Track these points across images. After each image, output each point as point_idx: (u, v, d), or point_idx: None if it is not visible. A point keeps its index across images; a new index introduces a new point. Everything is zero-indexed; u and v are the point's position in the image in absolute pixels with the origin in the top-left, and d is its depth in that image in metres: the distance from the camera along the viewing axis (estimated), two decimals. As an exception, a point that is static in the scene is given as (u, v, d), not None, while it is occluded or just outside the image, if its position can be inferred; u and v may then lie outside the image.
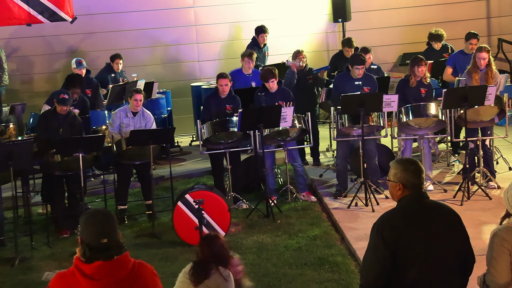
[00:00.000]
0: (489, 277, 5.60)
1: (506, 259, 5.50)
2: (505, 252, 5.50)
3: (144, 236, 11.29)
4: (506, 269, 5.50)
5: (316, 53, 15.04)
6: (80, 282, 4.42)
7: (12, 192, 11.26)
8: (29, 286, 9.51)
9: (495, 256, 5.55)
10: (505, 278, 5.51)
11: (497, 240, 5.57)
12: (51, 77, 17.20)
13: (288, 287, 9.07)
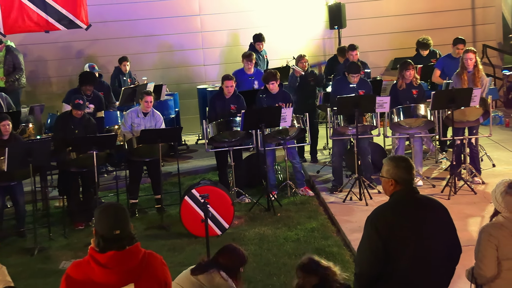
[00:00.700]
0: (477, 270, 5.64)
1: (493, 254, 5.54)
2: (492, 247, 5.54)
3: (153, 228, 11.30)
4: (493, 263, 5.55)
5: (313, 57, 15.05)
6: (95, 270, 4.43)
7: (32, 187, 11.31)
8: (47, 274, 9.51)
9: (482, 251, 5.59)
10: (492, 271, 5.56)
11: (485, 236, 5.60)
12: (67, 80, 17.18)
13: (287, 275, 9.04)
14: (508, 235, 5.53)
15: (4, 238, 11.02)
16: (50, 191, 12.71)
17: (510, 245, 5.53)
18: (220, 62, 17.51)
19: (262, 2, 17.51)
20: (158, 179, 12.06)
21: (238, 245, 6.41)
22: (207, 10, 17.54)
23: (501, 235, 5.54)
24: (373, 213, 5.38)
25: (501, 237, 5.54)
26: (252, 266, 9.39)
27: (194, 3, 17.56)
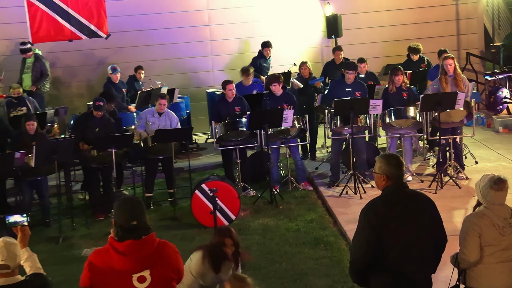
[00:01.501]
0: (461, 255, 5.64)
1: (476, 241, 5.54)
2: (475, 235, 5.55)
3: (166, 219, 11.32)
4: (476, 249, 5.55)
5: (312, 64, 15.02)
6: (114, 257, 4.45)
7: (57, 181, 11.37)
8: (71, 261, 9.54)
9: (466, 238, 5.60)
10: (475, 256, 5.57)
11: (469, 224, 5.62)
12: (88, 85, 17.21)
13: (288, 263, 9.07)
14: (489, 224, 5.54)
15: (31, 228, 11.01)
16: (73, 185, 12.72)
17: (491, 233, 5.53)
18: (227, 68, 17.49)
19: (266, 13, 17.48)
20: (171, 175, 12.11)
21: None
22: (215, 21, 17.53)
23: (483, 224, 5.55)
24: (366, 206, 5.38)
25: (483, 225, 5.54)
26: (256, 254, 9.40)
27: (204, 14, 17.55)
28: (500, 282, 5.57)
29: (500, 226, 5.54)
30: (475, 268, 5.63)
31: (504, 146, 13.88)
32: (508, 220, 5.57)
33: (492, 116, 15.70)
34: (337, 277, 8.41)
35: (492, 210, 5.59)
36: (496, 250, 5.56)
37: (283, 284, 8.41)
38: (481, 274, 5.62)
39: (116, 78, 14.54)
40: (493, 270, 5.58)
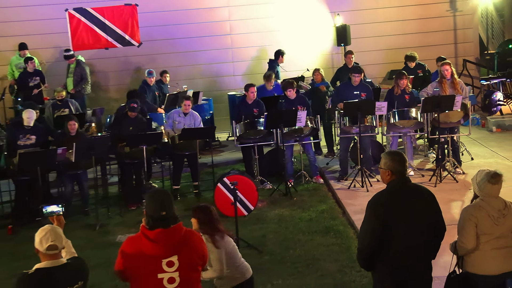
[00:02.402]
0: (459, 243, 5.63)
1: (472, 230, 5.53)
2: (472, 225, 5.54)
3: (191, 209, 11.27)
4: (473, 238, 5.54)
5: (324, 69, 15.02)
6: (145, 244, 4.46)
7: (94, 174, 11.40)
8: (106, 246, 9.57)
9: (464, 227, 5.59)
10: (472, 244, 5.55)
11: (466, 215, 5.62)
12: (122, 88, 17.18)
13: (302, 249, 9.06)
14: (485, 215, 5.53)
15: (72, 216, 11.08)
16: (109, 178, 12.75)
17: (486, 223, 5.52)
18: (246, 73, 17.49)
19: (282, 23, 17.48)
20: (196, 169, 12.14)
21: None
22: (236, 31, 17.54)
23: (480, 215, 5.54)
24: (373, 198, 5.37)
25: (479, 216, 5.54)
26: (272, 241, 9.40)
27: (226, 24, 17.56)
28: (494, 267, 5.54)
29: (495, 217, 5.53)
30: (472, 254, 5.60)
31: (497, 144, 13.81)
32: (502, 211, 5.56)
33: (486, 117, 15.64)
34: (346, 262, 8.40)
35: (488, 202, 5.58)
36: (490, 238, 5.54)
37: (296, 268, 8.40)
38: (477, 260, 5.60)
39: (151, 81, 14.63)
40: (488, 256, 5.56)
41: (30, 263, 5.20)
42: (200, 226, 6.13)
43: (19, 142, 11.25)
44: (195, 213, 6.23)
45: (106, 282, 7.74)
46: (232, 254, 6.16)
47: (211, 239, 6.04)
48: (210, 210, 6.26)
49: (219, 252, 6.01)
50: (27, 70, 15.39)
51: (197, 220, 6.17)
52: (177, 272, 4.48)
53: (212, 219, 6.19)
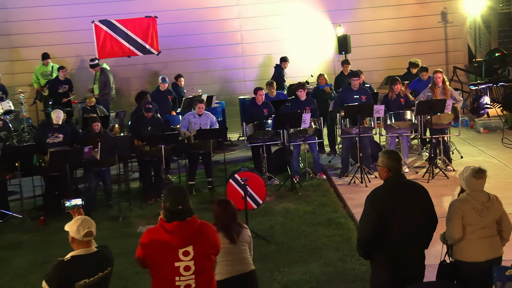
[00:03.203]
0: (448, 234, 5.64)
1: (459, 221, 5.54)
2: (458, 217, 5.55)
3: (206, 203, 11.24)
4: (459, 228, 5.54)
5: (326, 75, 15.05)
6: (163, 235, 4.46)
7: (117, 171, 11.44)
8: (128, 236, 9.56)
9: (451, 219, 5.59)
10: (459, 234, 5.55)
11: (453, 208, 5.63)
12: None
13: (306, 239, 9.04)
14: (470, 207, 5.54)
15: (97, 209, 11.09)
16: (131, 175, 12.76)
17: (471, 215, 5.53)
18: (256, 78, 17.49)
19: (288, 33, 17.49)
20: (209, 166, 12.14)
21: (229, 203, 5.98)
22: (247, 40, 17.56)
23: (465, 207, 5.55)
24: (371, 193, 5.36)
25: (465, 209, 5.55)
26: (279, 232, 9.38)
27: (237, 34, 17.58)
28: (480, 254, 5.55)
29: (479, 209, 5.54)
30: (459, 244, 5.60)
31: (484, 144, 13.76)
32: (486, 204, 5.57)
33: (474, 119, 15.59)
34: (346, 252, 8.38)
35: (473, 196, 5.59)
36: (476, 228, 5.55)
37: (302, 257, 8.37)
38: (464, 248, 5.59)
39: (164, 86, 14.62)
40: (474, 245, 5.56)
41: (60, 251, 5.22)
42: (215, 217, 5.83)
43: (48, 140, 11.30)
44: (214, 206, 5.90)
45: (128, 269, 7.76)
46: (225, 250, 5.73)
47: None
48: (227, 204, 5.90)
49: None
50: (58, 78, 15.48)
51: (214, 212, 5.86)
52: (192, 260, 4.48)
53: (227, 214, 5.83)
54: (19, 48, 17.16)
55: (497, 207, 5.65)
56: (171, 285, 4.47)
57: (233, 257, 5.60)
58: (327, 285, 7.43)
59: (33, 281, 8.09)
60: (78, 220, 4.75)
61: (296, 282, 7.57)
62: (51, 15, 16.91)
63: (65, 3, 16.91)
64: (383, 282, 5.28)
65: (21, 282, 8.27)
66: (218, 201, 5.85)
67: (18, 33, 17.01)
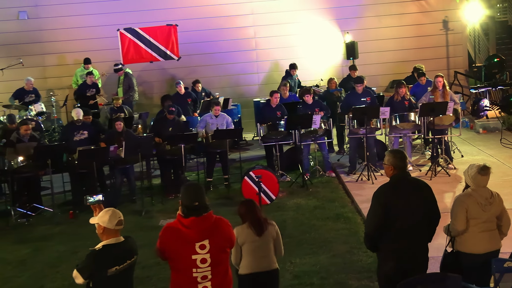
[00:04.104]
0: (452, 226, 5.64)
1: (463, 214, 5.54)
2: (463, 210, 5.55)
3: (222, 198, 11.31)
4: (464, 221, 5.55)
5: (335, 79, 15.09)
6: (181, 230, 4.44)
7: (140, 168, 11.43)
8: (150, 229, 9.55)
9: (456, 212, 5.59)
10: (462, 226, 5.56)
11: (458, 202, 5.63)
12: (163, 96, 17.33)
13: (316, 233, 9.01)
14: (474, 202, 5.54)
15: (121, 203, 11.10)
16: (153, 172, 12.76)
17: (475, 209, 5.54)
18: (269, 82, 17.41)
19: (300, 40, 17.43)
20: (226, 164, 12.12)
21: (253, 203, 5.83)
22: (260, 46, 17.52)
23: (470, 202, 5.55)
24: (377, 190, 5.32)
25: (469, 203, 5.55)
26: (291, 226, 9.35)
27: (252, 41, 17.54)
28: (481, 247, 5.56)
29: (482, 204, 5.54)
30: (462, 236, 5.60)
31: (483, 143, 13.67)
32: (489, 200, 5.58)
33: (474, 120, 15.49)
34: (354, 244, 8.34)
35: (477, 191, 5.59)
36: (478, 222, 5.55)
37: (312, 249, 8.35)
38: (467, 240, 5.60)
39: (180, 89, 14.73)
40: (476, 238, 5.56)
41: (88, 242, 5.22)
42: (241, 218, 5.68)
43: (75, 138, 11.36)
44: (238, 207, 5.72)
45: (151, 259, 7.76)
46: (252, 246, 5.60)
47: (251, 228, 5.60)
48: (252, 204, 5.71)
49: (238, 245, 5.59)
50: (86, 82, 15.60)
51: (239, 213, 5.69)
52: (208, 253, 4.46)
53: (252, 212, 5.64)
54: (51, 54, 17.23)
55: (499, 203, 5.67)
56: (189, 277, 4.45)
57: (259, 253, 5.50)
58: (336, 276, 7.39)
59: (63, 270, 8.14)
60: (108, 211, 4.83)
61: (307, 272, 7.55)
62: (80, 24, 16.98)
63: (92, 12, 16.98)
64: (389, 273, 5.25)
65: (52, 271, 8.31)
66: (242, 202, 5.76)
67: (50, 41, 17.08)
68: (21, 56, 16.37)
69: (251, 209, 5.60)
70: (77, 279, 4.70)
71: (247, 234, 5.50)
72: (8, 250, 9.36)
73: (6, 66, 15.99)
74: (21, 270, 8.46)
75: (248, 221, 5.55)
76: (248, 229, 5.51)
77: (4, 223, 10.67)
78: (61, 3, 16.96)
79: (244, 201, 5.79)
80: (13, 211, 10.86)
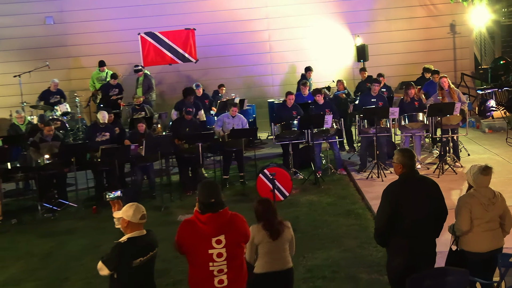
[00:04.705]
0: (456, 226, 5.61)
1: (467, 214, 5.50)
2: (467, 211, 5.51)
3: (238, 195, 11.30)
4: (468, 221, 5.50)
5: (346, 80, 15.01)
6: (198, 225, 4.43)
7: (160, 166, 11.44)
8: (169, 224, 9.52)
9: (460, 212, 5.55)
10: (466, 227, 5.51)
11: (462, 202, 5.59)
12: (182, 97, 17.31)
13: (328, 228, 8.99)
14: (477, 202, 5.50)
15: (142, 199, 11.11)
16: (171, 169, 12.78)
17: (478, 209, 5.50)
18: (282, 84, 17.43)
19: (312, 43, 17.40)
20: (241, 162, 12.09)
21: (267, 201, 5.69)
22: (275, 49, 17.51)
23: (473, 202, 5.52)
24: (387, 187, 5.28)
25: (473, 203, 5.51)
26: (304, 222, 9.33)
27: (266, 44, 17.52)
28: (484, 246, 5.53)
29: (485, 204, 5.50)
30: (466, 235, 5.56)
31: (489, 143, 13.56)
32: (492, 200, 5.53)
33: (480, 120, 15.39)
34: (364, 239, 8.30)
35: (480, 192, 5.54)
36: (482, 222, 5.51)
37: (324, 244, 8.32)
38: (470, 239, 5.55)
39: (199, 92, 14.65)
40: (479, 237, 5.52)
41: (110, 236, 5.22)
42: (257, 215, 5.54)
43: (97, 139, 11.44)
44: (255, 205, 5.59)
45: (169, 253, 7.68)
46: (267, 247, 5.48)
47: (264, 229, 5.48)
48: (268, 206, 5.56)
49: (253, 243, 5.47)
50: (109, 83, 15.67)
51: (255, 211, 5.56)
52: (224, 248, 4.44)
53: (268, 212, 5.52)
54: (75, 57, 17.32)
55: (501, 203, 5.63)
56: (206, 270, 4.44)
57: (274, 254, 5.43)
58: (347, 270, 7.37)
59: (87, 263, 8.18)
60: (132, 206, 4.86)
61: (319, 266, 7.52)
62: (102, 28, 17.06)
63: (114, 17, 17.05)
64: (398, 267, 5.21)
65: (77, 263, 8.36)
66: (259, 201, 5.62)
67: (74, 44, 17.18)
68: (47, 59, 16.54)
69: (266, 212, 5.46)
70: (102, 270, 4.72)
71: (264, 235, 5.42)
72: (34, 243, 9.43)
73: (33, 69, 16.16)
74: (47, 263, 8.52)
75: (263, 223, 5.45)
76: (264, 231, 5.42)
77: (31, 218, 10.77)
78: (85, 8, 17.07)
79: (261, 200, 5.65)
80: (40, 206, 10.95)
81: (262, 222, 5.45)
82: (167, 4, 17.03)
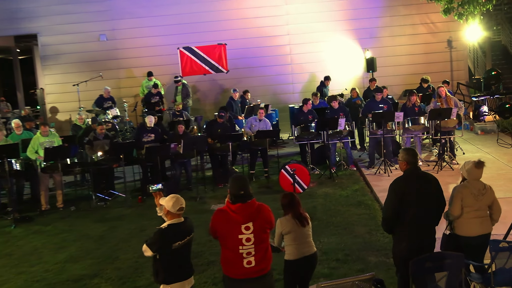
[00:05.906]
0: (449, 212, 5.61)
1: (459, 202, 5.53)
2: (458, 199, 5.54)
3: (263, 187, 11.27)
4: (459, 208, 5.53)
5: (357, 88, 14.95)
6: (229, 214, 4.43)
7: (196, 162, 11.47)
8: (204, 212, 9.61)
9: (453, 200, 5.57)
10: (458, 212, 5.55)
11: (455, 192, 5.61)
12: (215, 102, 17.35)
13: (341, 216, 8.93)
14: (469, 193, 5.51)
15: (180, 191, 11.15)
16: (206, 165, 12.81)
17: (469, 199, 5.51)
18: (302, 91, 17.37)
19: (328, 56, 17.34)
20: (266, 159, 12.08)
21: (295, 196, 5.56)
22: (295, 61, 17.48)
23: (465, 192, 5.53)
24: (393, 181, 5.24)
25: (464, 193, 5.53)
26: (320, 211, 9.29)
27: (288, 57, 17.49)
28: (473, 230, 5.52)
29: (476, 195, 5.51)
30: (458, 220, 5.56)
31: (481, 143, 13.36)
32: (481, 191, 5.53)
33: (473, 123, 15.21)
34: (373, 227, 8.25)
35: (472, 184, 5.55)
36: (471, 209, 5.51)
37: (337, 230, 8.28)
38: (462, 225, 5.55)
39: (235, 96, 14.75)
40: (468, 223, 5.52)
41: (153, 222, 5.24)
42: (284, 208, 5.44)
43: (144, 139, 11.46)
44: (281, 199, 5.48)
45: (203, 237, 7.80)
46: (296, 235, 5.39)
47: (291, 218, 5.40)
48: (293, 199, 5.44)
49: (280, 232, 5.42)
50: (151, 91, 15.79)
51: (282, 203, 5.45)
52: (252, 234, 4.44)
53: (293, 203, 5.42)
54: (124, 69, 17.48)
55: (490, 194, 5.60)
56: (236, 252, 4.44)
57: (301, 240, 5.36)
58: (358, 253, 7.32)
59: (134, 245, 8.24)
60: (173, 197, 4.85)
61: (333, 250, 7.48)
62: (147, 44, 17.21)
63: (157, 34, 17.16)
64: (402, 251, 5.16)
65: (125, 245, 8.43)
66: (284, 195, 5.52)
67: (123, 58, 17.35)
68: (101, 70, 16.76)
69: (293, 204, 5.39)
70: (147, 252, 4.74)
71: (292, 224, 5.33)
72: (90, 227, 9.54)
73: (89, 79, 16.43)
74: (100, 244, 8.61)
75: (291, 214, 5.36)
76: (293, 220, 5.34)
77: (86, 206, 10.89)
78: (132, 27, 17.24)
79: (286, 194, 5.54)
80: (94, 196, 11.07)
81: (290, 213, 5.38)
82: (202, 22, 17.10)
